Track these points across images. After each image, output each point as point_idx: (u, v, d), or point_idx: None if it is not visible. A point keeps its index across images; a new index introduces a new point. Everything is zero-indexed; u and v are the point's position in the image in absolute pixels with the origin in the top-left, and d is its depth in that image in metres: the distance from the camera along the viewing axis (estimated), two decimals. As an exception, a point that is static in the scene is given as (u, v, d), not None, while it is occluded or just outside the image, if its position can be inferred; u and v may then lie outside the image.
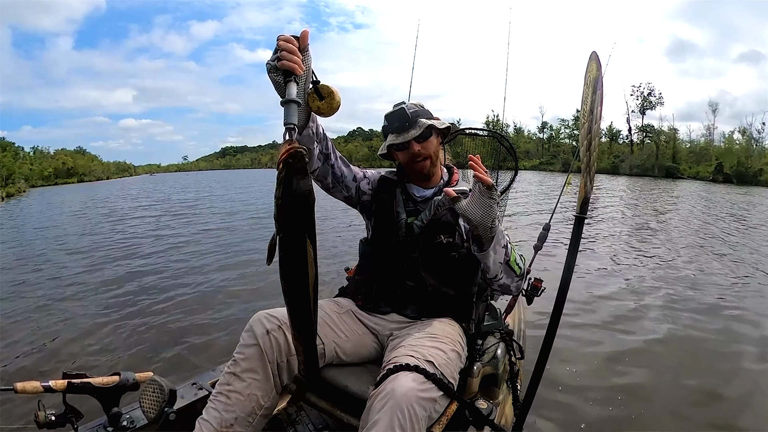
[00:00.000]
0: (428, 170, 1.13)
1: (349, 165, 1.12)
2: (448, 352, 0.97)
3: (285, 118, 0.70)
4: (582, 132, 1.01)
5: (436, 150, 1.13)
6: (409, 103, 1.14)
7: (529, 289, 1.38)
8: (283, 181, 0.65)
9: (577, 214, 1.01)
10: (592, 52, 1.03)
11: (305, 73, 0.76)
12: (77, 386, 1.00)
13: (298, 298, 0.72)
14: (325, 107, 0.81)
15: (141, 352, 2.59)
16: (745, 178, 25.44)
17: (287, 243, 0.67)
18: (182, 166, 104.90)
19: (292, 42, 0.74)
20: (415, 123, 1.08)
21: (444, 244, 1.07)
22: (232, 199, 14.46)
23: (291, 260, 0.68)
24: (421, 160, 1.11)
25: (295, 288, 0.71)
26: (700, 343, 2.63)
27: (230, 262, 4.90)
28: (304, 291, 0.71)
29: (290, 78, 0.73)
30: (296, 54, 0.74)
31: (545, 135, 47.59)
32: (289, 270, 0.69)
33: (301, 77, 0.75)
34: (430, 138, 1.10)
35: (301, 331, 0.76)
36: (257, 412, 0.93)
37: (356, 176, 1.14)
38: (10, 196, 24.46)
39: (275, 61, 0.74)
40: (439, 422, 0.90)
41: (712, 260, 4.85)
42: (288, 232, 0.67)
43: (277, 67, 0.73)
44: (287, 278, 0.70)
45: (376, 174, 1.21)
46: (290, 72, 0.73)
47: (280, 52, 0.73)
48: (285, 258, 0.68)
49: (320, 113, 0.82)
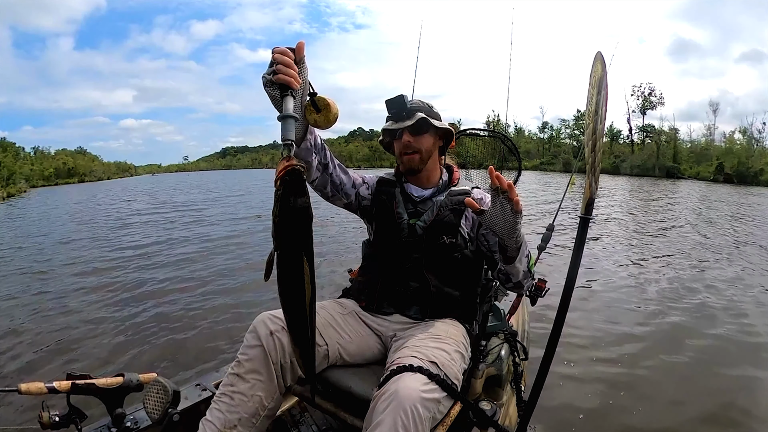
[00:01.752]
0: (416, 165, 1.10)
1: (347, 172, 1.12)
2: (451, 353, 0.96)
3: (282, 134, 0.69)
4: (587, 132, 1.01)
5: (429, 148, 1.10)
6: (416, 99, 1.13)
7: (533, 290, 1.38)
8: (281, 199, 0.64)
9: (582, 214, 1.00)
10: (597, 53, 1.02)
11: (302, 86, 0.75)
12: (81, 387, 1.00)
13: (295, 314, 0.73)
14: (322, 120, 0.80)
15: (145, 353, 2.60)
16: (746, 178, 25.43)
17: (284, 261, 0.67)
18: (183, 167, 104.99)
19: (287, 55, 0.73)
20: (413, 114, 1.07)
21: (447, 244, 1.07)
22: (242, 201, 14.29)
23: (288, 278, 0.69)
24: (410, 153, 1.09)
25: (291, 305, 0.72)
26: (702, 344, 2.63)
27: (236, 264, 4.90)
28: (301, 308, 0.71)
29: (287, 92, 0.72)
30: (292, 67, 0.72)
31: (546, 135, 47.60)
32: (286, 287, 0.69)
33: (297, 91, 0.74)
34: (425, 134, 1.09)
35: (299, 344, 0.77)
36: (261, 413, 0.93)
37: (355, 183, 1.14)
38: (11, 196, 24.51)
39: (271, 75, 0.72)
40: (443, 423, 0.90)
41: (711, 261, 4.85)
42: (285, 249, 0.67)
43: (273, 81, 0.72)
44: (284, 295, 0.71)
45: (374, 177, 1.21)
46: (287, 86, 0.71)
47: (276, 66, 0.72)
48: (282, 275, 0.68)
49: (317, 126, 0.81)
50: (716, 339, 2.70)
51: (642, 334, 2.75)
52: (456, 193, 1.12)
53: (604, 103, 1.02)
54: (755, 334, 2.77)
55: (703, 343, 2.63)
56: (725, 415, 1.88)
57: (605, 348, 2.53)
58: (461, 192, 1.12)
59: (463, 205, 1.09)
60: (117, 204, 14.93)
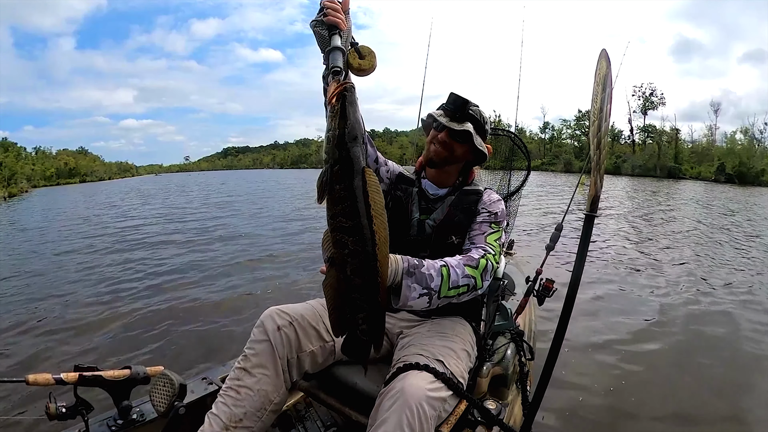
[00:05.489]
0: (440, 160, 1.08)
1: (374, 146, 1.11)
2: (458, 352, 0.97)
3: (331, 62, 0.75)
4: (592, 130, 1.01)
5: (459, 155, 1.09)
6: (479, 109, 1.09)
7: (541, 290, 1.38)
8: (339, 111, 0.67)
9: (588, 212, 1.00)
10: (602, 50, 1.03)
11: (347, 32, 0.80)
12: (88, 379, 1.01)
13: (361, 232, 0.67)
14: (367, 64, 0.82)
15: (152, 346, 2.61)
16: (747, 178, 25.39)
17: (346, 172, 0.67)
18: (184, 167, 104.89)
19: (336, 2, 0.80)
20: (464, 121, 1.06)
21: (455, 244, 1.07)
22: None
23: (352, 190, 0.67)
24: (440, 148, 1.07)
25: (357, 222, 0.67)
26: (704, 345, 2.62)
27: (244, 260, 4.90)
28: (368, 222, 0.67)
29: (335, 31, 0.78)
30: (340, 12, 0.79)
31: (547, 135, 47.56)
32: (349, 201, 0.67)
33: (344, 33, 0.79)
34: (464, 144, 1.07)
35: (366, 276, 0.69)
36: (266, 408, 0.94)
37: (378, 159, 1.13)
38: (13, 195, 24.57)
39: (321, 17, 0.78)
40: (448, 421, 0.90)
41: (712, 261, 4.84)
42: (347, 161, 0.67)
43: (323, 21, 0.78)
44: (345, 213, 0.66)
45: (396, 168, 1.19)
46: (335, 26, 0.78)
47: (326, 9, 0.78)
48: (344, 190, 0.67)
49: (360, 70, 0.83)
50: (726, 339, 2.69)
51: (650, 333, 2.73)
52: (468, 192, 1.12)
53: (609, 100, 1.02)
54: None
55: (715, 344, 2.62)
56: (735, 416, 1.87)
57: (612, 347, 2.52)
58: (473, 192, 1.12)
59: (473, 206, 1.09)
60: (118, 201, 14.98)
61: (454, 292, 0.90)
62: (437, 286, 0.87)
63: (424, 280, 0.86)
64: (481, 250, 1.00)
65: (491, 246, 1.02)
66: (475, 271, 0.93)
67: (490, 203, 1.09)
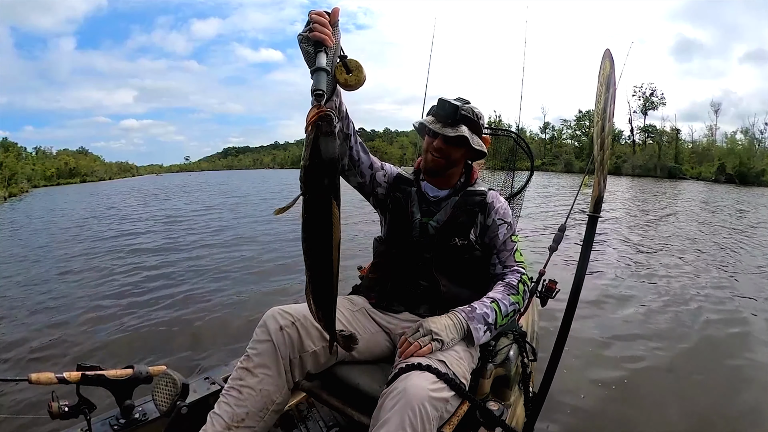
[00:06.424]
0: (439, 169, 1.09)
1: (368, 152, 1.10)
2: (460, 352, 0.96)
3: (314, 84, 0.73)
4: (596, 130, 1.01)
5: (457, 158, 1.08)
6: (471, 106, 1.08)
7: (544, 291, 1.37)
8: (312, 143, 0.66)
9: (591, 213, 1.00)
10: (605, 50, 1.03)
11: (334, 47, 0.79)
12: (91, 378, 1.01)
13: (321, 260, 0.72)
14: (353, 80, 0.83)
15: (155, 345, 2.62)
16: (748, 178, 25.37)
17: (313, 204, 0.68)
18: (184, 167, 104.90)
19: (323, 16, 0.78)
20: (457, 125, 1.04)
21: (458, 246, 1.06)
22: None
23: (316, 221, 0.69)
24: (437, 156, 1.07)
25: (318, 249, 0.71)
26: (706, 346, 2.62)
27: (247, 260, 4.89)
28: (327, 252, 0.71)
29: (321, 48, 0.76)
30: (327, 27, 0.77)
31: (547, 135, 47.55)
32: (313, 231, 0.70)
33: (330, 49, 0.78)
34: (460, 147, 1.06)
35: (321, 297, 0.75)
36: (269, 408, 0.93)
37: (373, 165, 1.12)
38: (13, 195, 24.58)
39: (307, 32, 0.77)
40: (450, 422, 0.90)
41: (713, 262, 4.83)
42: (314, 193, 0.68)
43: (309, 37, 0.76)
44: (311, 240, 0.70)
45: (394, 170, 1.18)
46: (321, 43, 0.76)
47: (312, 24, 0.77)
48: (310, 219, 0.69)
49: (347, 85, 0.84)
50: (730, 340, 2.68)
51: (652, 334, 2.72)
52: (472, 193, 1.11)
53: (612, 101, 1.02)
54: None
55: (717, 346, 2.60)
56: (745, 417, 1.87)
57: (615, 348, 2.51)
58: (477, 193, 1.11)
59: (477, 207, 1.09)
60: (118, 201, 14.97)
61: (506, 320, 1.03)
62: (494, 320, 1.00)
63: (482, 319, 0.99)
64: (517, 274, 1.08)
65: (521, 264, 1.10)
66: (518, 296, 1.05)
67: (502, 211, 1.10)
